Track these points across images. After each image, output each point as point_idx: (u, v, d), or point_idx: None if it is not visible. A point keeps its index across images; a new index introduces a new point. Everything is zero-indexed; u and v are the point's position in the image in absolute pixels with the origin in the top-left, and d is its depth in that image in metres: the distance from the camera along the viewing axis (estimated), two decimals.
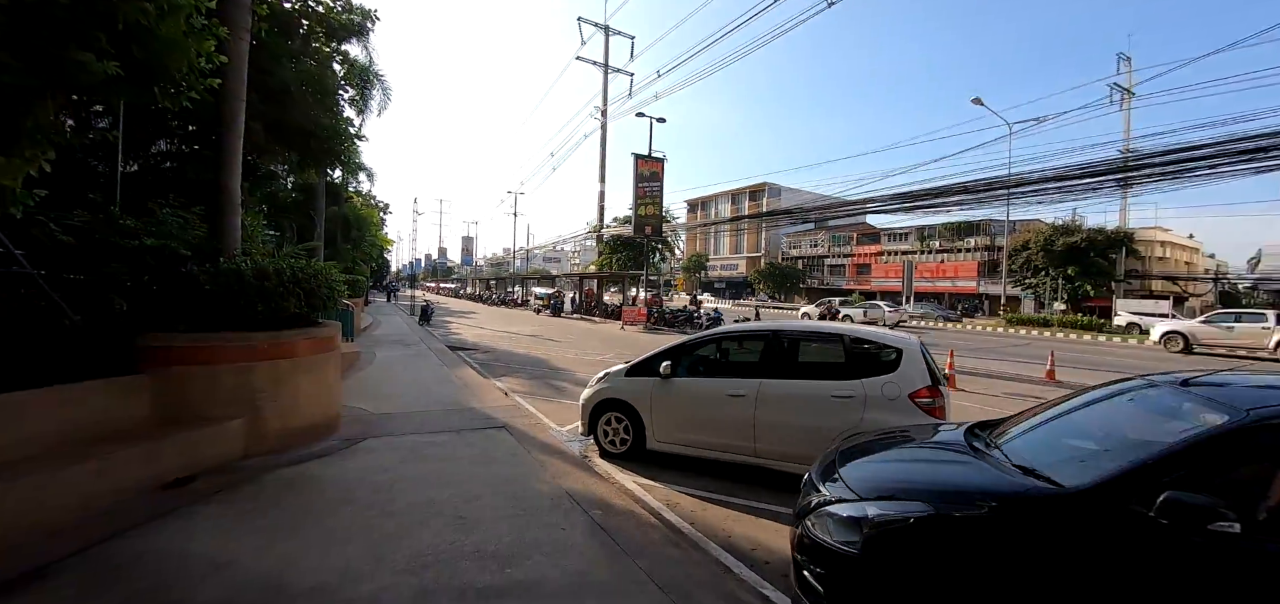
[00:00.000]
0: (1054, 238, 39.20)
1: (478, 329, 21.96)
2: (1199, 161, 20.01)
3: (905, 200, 20.11)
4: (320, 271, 5.50)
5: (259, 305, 4.88)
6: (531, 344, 16.78)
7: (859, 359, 5.19)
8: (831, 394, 5.02)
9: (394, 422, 6.35)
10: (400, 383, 9.03)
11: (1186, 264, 47.95)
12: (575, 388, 9.67)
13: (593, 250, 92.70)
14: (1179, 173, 20.74)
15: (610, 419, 5.91)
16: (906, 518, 2.57)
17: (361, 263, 28.76)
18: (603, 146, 35.36)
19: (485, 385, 9.19)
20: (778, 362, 5.39)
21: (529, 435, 6.11)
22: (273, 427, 5.01)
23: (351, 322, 11.55)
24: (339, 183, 27.61)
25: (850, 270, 62.80)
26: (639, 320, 24.64)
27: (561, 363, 12.89)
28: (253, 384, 4.88)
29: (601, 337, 20.13)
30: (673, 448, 5.62)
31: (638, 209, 25.50)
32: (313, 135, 9.70)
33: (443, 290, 77.23)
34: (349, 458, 5.00)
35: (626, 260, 35.33)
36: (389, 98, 17.57)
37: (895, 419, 4.79)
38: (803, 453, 5.10)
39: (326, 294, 5.48)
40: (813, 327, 6.08)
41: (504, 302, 46.70)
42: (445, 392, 8.40)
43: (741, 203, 73.40)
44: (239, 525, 3.59)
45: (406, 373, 10.03)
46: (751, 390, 5.26)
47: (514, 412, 7.22)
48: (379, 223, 34.89)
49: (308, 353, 5.31)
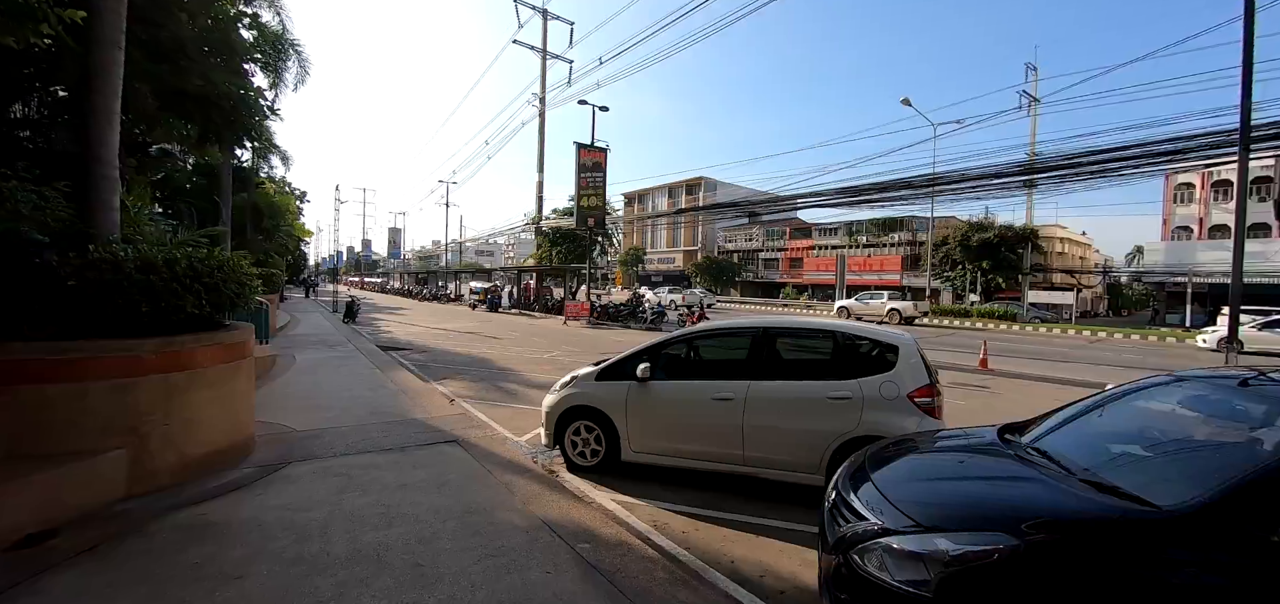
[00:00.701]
0: (970, 234, 42.08)
1: (410, 326, 20.48)
2: (1104, 163, 21.71)
3: (850, 195, 20.53)
4: (226, 264, 4.49)
5: (144, 305, 3.87)
6: (471, 343, 15.71)
7: (853, 357, 4.84)
8: (827, 395, 4.64)
9: (322, 440, 5.41)
10: (327, 391, 7.93)
11: (1080, 259, 52.76)
12: (526, 390, 8.94)
13: (529, 243, 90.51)
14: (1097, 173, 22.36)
15: (580, 429, 5.28)
16: (990, 554, 2.15)
17: (276, 255, 26.20)
18: (541, 135, 34.14)
19: (427, 391, 8.26)
20: (766, 361, 4.96)
21: (486, 450, 5.36)
22: (165, 458, 4.02)
23: (266, 321, 10.18)
24: (248, 167, 25.03)
25: (784, 264, 64.71)
26: (582, 315, 23.91)
27: (507, 362, 12.02)
28: (138, 405, 3.87)
29: (544, 333, 19.26)
30: (651, 458, 5.08)
31: (580, 200, 24.70)
32: (215, 105, 8.34)
33: (367, 285, 72.76)
34: (267, 491, 4.09)
35: (567, 253, 34.39)
36: (307, 72, 15.81)
37: (896, 421, 4.48)
38: (796, 459, 4.71)
39: (235, 291, 4.49)
40: (802, 323, 5.70)
41: (436, 297, 44.43)
42: (381, 400, 7.43)
43: (678, 196, 73.87)
44: (110, 602, 2.70)
45: (334, 379, 8.89)
46: (739, 393, 4.80)
47: (464, 421, 6.41)
48: (296, 212, 32.00)
49: (211, 362, 4.33)
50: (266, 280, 14.03)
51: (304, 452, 5.00)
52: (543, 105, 34.61)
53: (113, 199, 4.46)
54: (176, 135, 9.57)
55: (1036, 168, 26.99)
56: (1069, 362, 15.08)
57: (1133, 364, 15.12)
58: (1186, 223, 42.77)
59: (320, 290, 46.81)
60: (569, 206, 37.83)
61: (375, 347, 13.35)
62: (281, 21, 14.43)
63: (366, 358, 11.24)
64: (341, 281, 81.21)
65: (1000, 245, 41.11)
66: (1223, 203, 41.24)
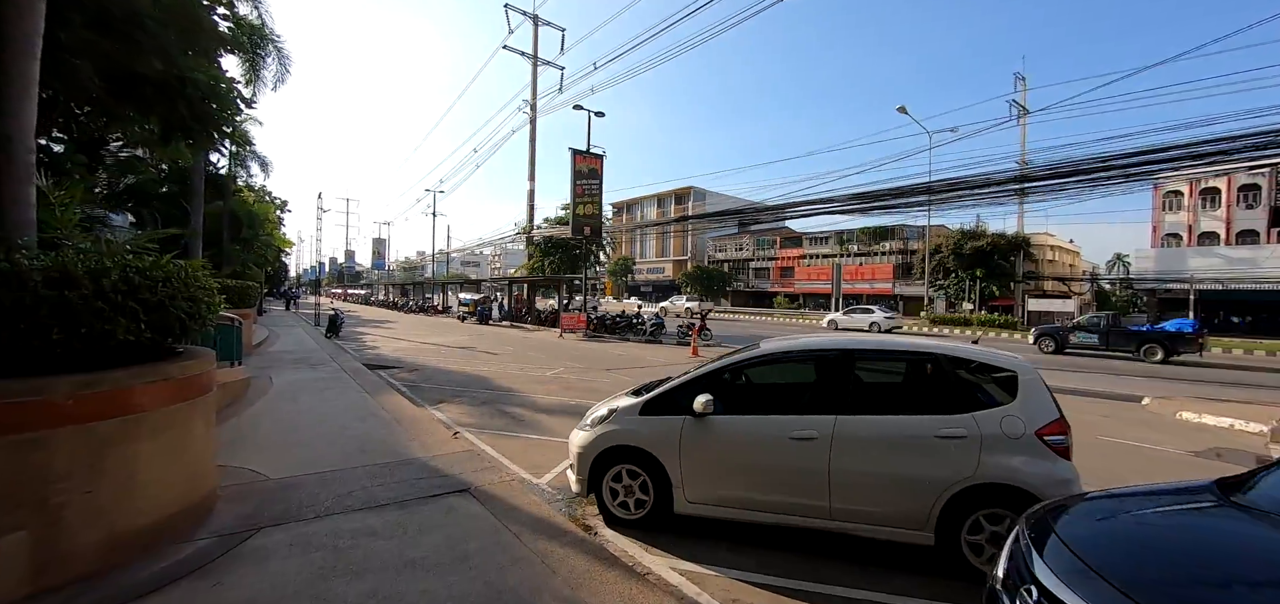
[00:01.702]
0: (963, 242, 41.96)
1: (398, 341, 19.30)
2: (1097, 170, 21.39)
3: (859, 201, 19.83)
4: (176, 275, 3.47)
5: (55, 329, 2.86)
6: (465, 359, 14.63)
7: (959, 385, 3.95)
8: (936, 433, 3.75)
9: (302, 492, 4.37)
10: (309, 421, 6.86)
11: (1070, 266, 53.08)
12: (536, 416, 7.95)
13: (516, 255, 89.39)
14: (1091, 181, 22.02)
15: (621, 474, 4.33)
16: None
17: (254, 266, 24.85)
18: (532, 143, 33.26)
19: (423, 419, 7.22)
20: (852, 390, 4.07)
21: (505, 501, 4.37)
22: (87, 537, 2.98)
23: (238, 339, 9.08)
24: (226, 173, 23.72)
25: (774, 273, 64.33)
26: (578, 327, 22.88)
27: (507, 381, 11.00)
28: (46, 467, 2.85)
29: (541, 347, 18.23)
30: (711, 510, 4.15)
31: (576, 208, 23.75)
32: (179, 94, 7.30)
33: (350, 297, 70.93)
34: (226, 578, 3.07)
35: (559, 263, 33.39)
36: (287, 70, 14.79)
37: (1028, 466, 3.61)
38: (897, 513, 3.80)
39: (186, 309, 3.47)
40: (891, 343, 4.80)
41: (423, 309, 43.03)
42: (372, 432, 6.38)
43: (667, 206, 73.36)
44: None
45: (316, 406, 7.80)
46: (824, 430, 3.90)
47: (472, 461, 5.41)
48: (276, 221, 30.62)
49: (156, 404, 3.31)
50: (241, 294, 12.87)
51: (278, 510, 3.97)
52: (534, 112, 33.72)
53: (25, 191, 3.43)
54: (136, 131, 8.48)
55: (1030, 176, 26.83)
56: (1088, 372, 14.43)
57: (1165, 376, 14.52)
58: (1176, 229, 42.99)
59: (302, 303, 45.09)
60: (561, 215, 36.91)
61: (361, 365, 12.24)
62: (260, 14, 13.39)
63: (352, 379, 10.15)
64: (324, 294, 79.06)
65: (993, 253, 41.05)
66: (1210, 210, 41.55)
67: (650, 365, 13.91)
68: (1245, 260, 35.64)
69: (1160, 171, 22.12)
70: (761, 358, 4.42)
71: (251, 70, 13.55)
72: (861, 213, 20.51)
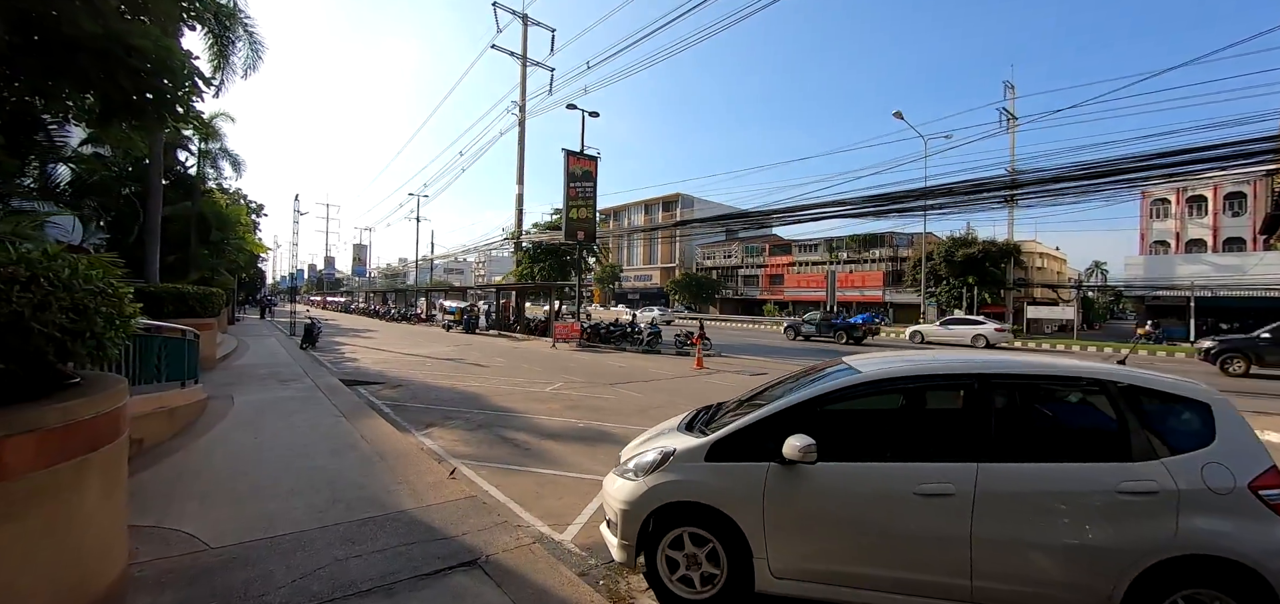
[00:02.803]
0: (954, 249, 41.82)
1: (380, 352, 17.99)
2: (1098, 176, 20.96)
3: (886, 202, 18.96)
4: (54, 273, 2.35)
5: None
6: (454, 372, 13.44)
7: (1143, 421, 2.98)
8: (1117, 487, 2.78)
9: (248, 570, 3.23)
10: (270, 457, 5.69)
11: (1058, 273, 53.38)
12: (542, 444, 6.84)
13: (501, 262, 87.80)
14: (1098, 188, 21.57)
15: (684, 539, 3.28)
16: None
17: (226, 272, 23.28)
18: (521, 145, 32.08)
19: (410, 451, 6.07)
20: (998, 429, 3.07)
21: (528, 581, 3.28)
22: None
23: (192, 355, 7.84)
24: (194, 172, 22.25)
25: (763, 281, 63.81)
26: (572, 337, 21.75)
27: (503, 399, 9.86)
28: None
29: (534, 358, 17.08)
30: (807, 588, 3.12)
31: (569, 212, 22.64)
32: (122, 64, 6.12)
33: (329, 305, 68.76)
34: None
35: (549, 270, 32.21)
36: (260, 56, 13.49)
37: (1236, 531, 2.66)
38: (1067, 598, 2.84)
39: (67, 325, 2.33)
40: (1044, 366, 3.62)
41: (405, 317, 41.47)
42: (348, 471, 5.23)
43: (655, 213, 72.63)
44: None
45: (281, 434, 6.62)
46: (963, 484, 2.91)
47: (477, 512, 4.30)
48: (249, 225, 28.99)
49: (19, 468, 2.19)
50: (202, 301, 11.57)
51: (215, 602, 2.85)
52: (523, 114, 32.61)
53: None
54: (68, 104, 7.21)
55: (1020, 182, 26.49)
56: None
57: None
58: (1163, 237, 43.26)
59: (279, 311, 43.29)
60: (551, 220, 35.76)
61: (339, 380, 11.01)
62: None
63: (327, 397, 8.94)
64: (302, 301, 76.40)
65: (984, 260, 40.92)
66: (1197, 217, 41.86)
67: (656, 379, 12.87)
68: (1233, 267, 35.81)
69: (1152, 178, 21.81)
70: (869, 384, 3.38)
71: (219, 54, 12.28)
72: (874, 216, 19.66)
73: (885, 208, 26.03)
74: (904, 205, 26.85)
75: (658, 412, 8.96)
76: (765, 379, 4.55)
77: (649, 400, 9.92)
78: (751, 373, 14.07)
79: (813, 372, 3.88)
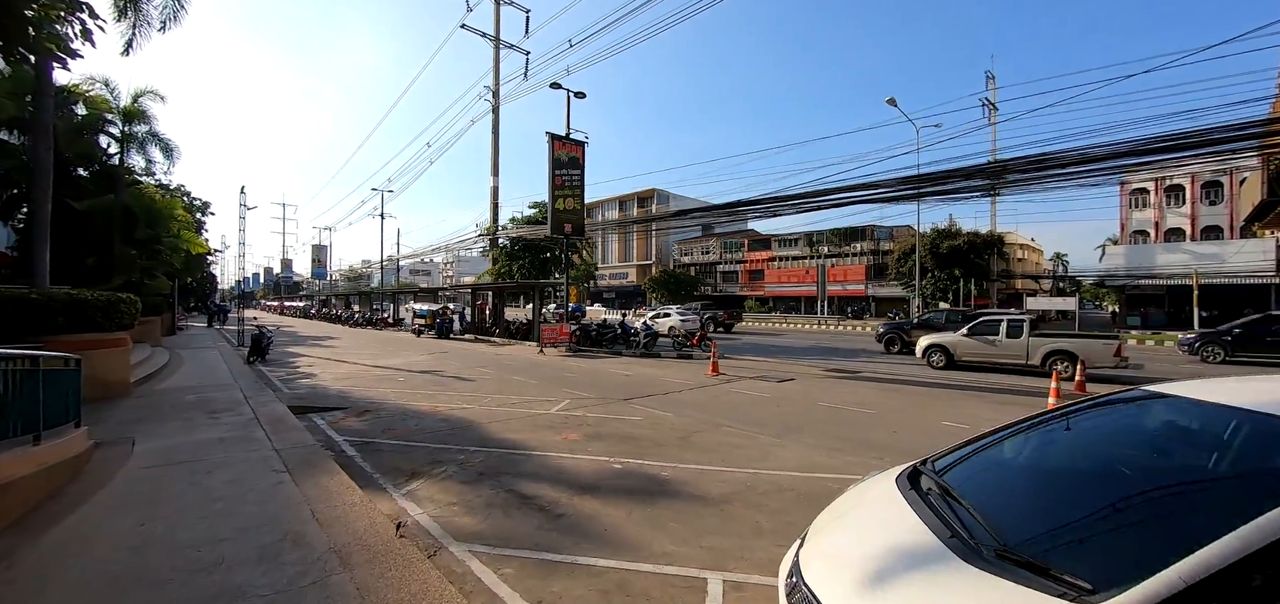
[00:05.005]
0: (939, 241, 41.21)
1: (342, 365, 15.52)
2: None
3: (907, 185, 17.35)
4: None
5: None
6: (433, 388, 11.21)
7: None
8: None
9: None
10: (157, 562, 3.52)
11: (1036, 264, 53.67)
12: (580, 503, 4.72)
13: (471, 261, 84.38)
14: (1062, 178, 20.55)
15: None
16: None
17: (160, 275, 20.27)
18: (495, 134, 29.65)
19: (386, 542, 3.95)
20: None
21: None
22: None
23: (72, 388, 5.55)
24: (116, 161, 19.23)
25: (743, 277, 62.56)
26: (562, 340, 19.61)
27: (502, 425, 7.75)
28: None
29: (522, 366, 14.91)
30: None
31: (555, 202, 20.44)
32: None
33: (288, 310, 64.55)
34: None
35: (529, 267, 29.88)
36: (183, 6, 11.01)
37: None
38: None
39: None
40: None
41: (371, 322, 38.43)
42: (270, 592, 3.12)
43: (630, 209, 70.60)
44: None
45: (185, 515, 4.39)
46: None
47: None
48: (190, 222, 25.78)
49: None
50: (107, 311, 9.08)
51: None
52: (496, 99, 30.18)
53: None
54: None
55: (1008, 167, 25.63)
56: None
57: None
58: (1143, 226, 43.48)
59: (229, 318, 39.62)
60: (529, 215, 33.42)
61: (287, 407, 8.70)
62: None
63: (269, 437, 6.69)
64: (257, 306, 71.37)
65: (969, 251, 40.42)
66: (1175, 207, 42.14)
67: (675, 390, 10.92)
68: (1213, 255, 35.96)
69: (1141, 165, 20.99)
70: None
71: None
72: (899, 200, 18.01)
73: (875, 192, 24.77)
74: (895, 192, 25.66)
75: (702, 439, 7.03)
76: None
77: (685, 423, 7.97)
78: (778, 378, 12.28)
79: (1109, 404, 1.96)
